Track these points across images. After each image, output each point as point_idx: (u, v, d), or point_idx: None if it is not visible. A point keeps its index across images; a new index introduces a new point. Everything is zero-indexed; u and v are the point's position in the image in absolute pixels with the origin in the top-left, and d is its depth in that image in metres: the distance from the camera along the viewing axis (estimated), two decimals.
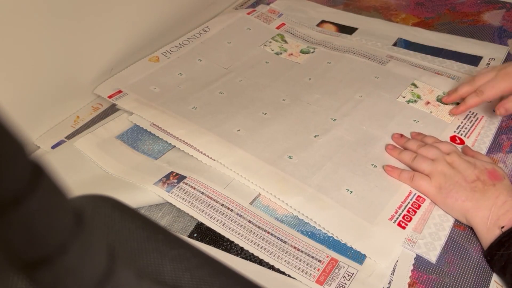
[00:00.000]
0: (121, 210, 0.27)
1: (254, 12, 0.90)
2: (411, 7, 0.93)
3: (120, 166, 0.61)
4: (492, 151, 0.63)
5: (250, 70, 0.78)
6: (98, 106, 0.72)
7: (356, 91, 0.72)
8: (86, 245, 0.19)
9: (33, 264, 0.17)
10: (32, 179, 0.16)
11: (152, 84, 0.73)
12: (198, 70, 0.77)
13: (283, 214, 0.55)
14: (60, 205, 0.18)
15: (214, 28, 0.86)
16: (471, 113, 0.68)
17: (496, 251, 0.48)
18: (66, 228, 0.18)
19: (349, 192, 0.56)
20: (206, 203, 0.55)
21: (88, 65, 0.70)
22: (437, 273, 0.50)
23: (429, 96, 0.71)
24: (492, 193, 0.51)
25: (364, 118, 0.67)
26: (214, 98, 0.71)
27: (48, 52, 0.63)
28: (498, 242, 0.48)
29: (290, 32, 0.87)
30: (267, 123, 0.66)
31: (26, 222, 0.16)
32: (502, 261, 0.48)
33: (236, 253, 0.52)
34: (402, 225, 0.53)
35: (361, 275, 0.49)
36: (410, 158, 0.58)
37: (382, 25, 0.88)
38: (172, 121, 0.65)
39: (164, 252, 0.26)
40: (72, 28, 0.64)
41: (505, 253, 0.47)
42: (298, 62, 0.80)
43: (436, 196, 0.55)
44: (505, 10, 0.90)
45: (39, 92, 0.64)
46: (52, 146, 0.65)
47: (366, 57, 0.79)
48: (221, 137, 0.63)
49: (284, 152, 0.61)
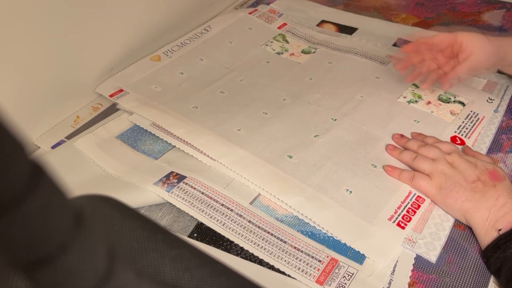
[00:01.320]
0: (121, 210, 0.27)
1: (256, 12, 0.90)
2: (411, 7, 0.93)
3: (120, 166, 0.61)
4: (492, 151, 0.63)
5: (251, 70, 0.78)
6: (98, 106, 0.72)
7: (357, 91, 0.72)
8: (86, 245, 0.19)
9: (33, 264, 0.17)
10: (32, 179, 0.16)
11: (154, 83, 0.73)
12: (199, 70, 0.77)
13: (283, 214, 0.55)
14: (60, 205, 0.18)
15: (216, 28, 0.86)
16: (472, 113, 0.68)
17: (492, 253, 0.48)
18: (66, 228, 0.18)
19: (349, 192, 0.56)
20: (206, 203, 0.55)
21: (88, 65, 0.70)
22: (437, 273, 0.50)
23: (430, 96, 0.71)
24: (492, 194, 0.51)
25: (365, 118, 0.67)
26: (215, 98, 0.71)
27: (48, 52, 0.63)
28: (494, 245, 0.49)
29: (292, 32, 0.87)
30: (268, 122, 0.66)
31: (26, 222, 0.16)
32: (497, 264, 0.48)
33: (236, 253, 0.52)
34: (402, 225, 0.53)
35: (361, 275, 0.49)
36: (411, 158, 0.58)
37: (382, 25, 0.88)
38: (173, 120, 0.65)
39: (164, 252, 0.26)
40: (72, 28, 0.64)
41: (500, 256, 0.47)
42: (299, 62, 0.80)
43: (436, 196, 0.55)
44: (505, 10, 0.90)
45: (39, 92, 0.64)
46: (52, 146, 0.65)
47: (367, 57, 0.79)
48: (221, 136, 0.63)
49: (284, 151, 0.61)
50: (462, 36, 0.62)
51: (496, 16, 0.88)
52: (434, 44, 0.64)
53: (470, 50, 0.61)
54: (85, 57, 0.69)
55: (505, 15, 0.88)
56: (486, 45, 0.61)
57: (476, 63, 0.61)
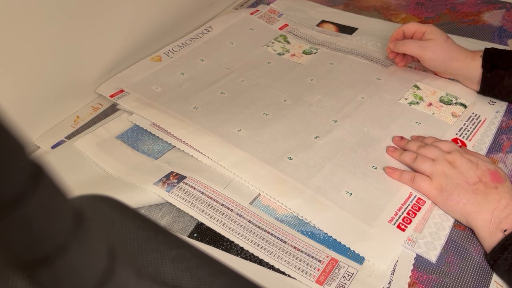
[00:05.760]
0: (121, 210, 0.27)
1: (257, 12, 0.90)
2: (411, 7, 0.93)
3: (120, 166, 0.61)
4: (492, 151, 0.63)
5: (252, 71, 0.78)
6: (98, 106, 0.72)
7: (358, 93, 0.72)
8: (86, 245, 0.19)
9: (33, 264, 0.17)
10: (32, 179, 0.16)
11: (154, 83, 0.73)
12: (200, 70, 0.77)
13: (283, 214, 0.55)
14: (60, 205, 0.18)
15: (217, 28, 0.86)
16: (474, 115, 0.68)
17: (499, 255, 0.48)
18: (66, 228, 0.18)
19: (349, 194, 0.56)
20: (206, 203, 0.55)
21: (88, 65, 0.70)
22: (437, 273, 0.50)
23: (432, 97, 0.70)
24: (494, 196, 0.51)
25: (366, 120, 0.67)
26: (216, 98, 0.71)
27: (48, 52, 0.63)
28: (501, 246, 0.48)
29: (293, 33, 0.87)
30: (268, 123, 0.66)
31: (26, 222, 0.16)
32: (506, 265, 0.47)
33: (236, 253, 0.52)
34: (402, 227, 0.53)
35: (361, 275, 0.49)
36: (411, 159, 0.58)
37: (382, 25, 0.88)
38: (173, 121, 0.65)
39: (164, 252, 0.26)
40: (72, 28, 0.64)
41: (509, 256, 0.47)
42: (300, 63, 0.80)
43: (437, 198, 0.55)
44: (505, 10, 0.90)
45: (39, 92, 0.64)
46: (52, 146, 0.65)
47: (369, 58, 0.79)
48: (221, 137, 0.63)
49: (284, 153, 0.61)
50: (426, 26, 0.70)
51: (496, 16, 0.88)
52: (404, 32, 0.73)
53: (430, 37, 0.69)
54: (85, 57, 0.69)
55: (505, 15, 0.88)
56: (445, 38, 0.69)
57: (430, 48, 0.69)
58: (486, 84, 0.67)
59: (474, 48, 0.69)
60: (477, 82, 0.69)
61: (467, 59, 0.68)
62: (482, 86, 0.68)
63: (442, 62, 0.69)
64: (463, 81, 0.71)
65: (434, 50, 0.68)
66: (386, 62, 0.78)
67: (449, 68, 0.70)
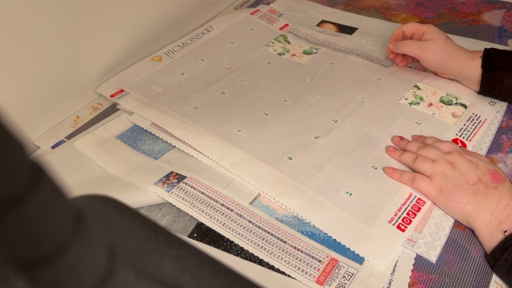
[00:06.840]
0: (121, 210, 0.27)
1: (257, 12, 0.90)
2: (411, 7, 0.93)
3: (120, 166, 0.61)
4: (492, 151, 0.63)
5: (252, 71, 0.78)
6: (98, 106, 0.72)
7: (358, 93, 0.72)
8: (86, 245, 0.19)
9: (33, 264, 0.17)
10: (32, 179, 0.16)
11: (154, 83, 0.73)
12: (200, 70, 0.77)
13: (283, 214, 0.55)
14: (60, 205, 0.18)
15: (217, 28, 0.86)
16: (474, 116, 0.68)
17: (499, 256, 0.48)
18: (66, 228, 0.18)
19: (349, 194, 0.56)
20: (206, 203, 0.55)
21: (88, 65, 0.70)
22: (437, 273, 0.50)
23: (432, 97, 0.70)
24: (494, 196, 0.51)
25: (366, 120, 0.67)
26: (216, 98, 0.71)
27: (48, 52, 0.63)
28: (501, 247, 0.48)
29: (293, 33, 0.87)
30: (268, 123, 0.66)
31: (26, 222, 0.16)
32: (506, 265, 0.47)
33: (236, 253, 0.52)
34: (402, 227, 0.53)
35: (361, 275, 0.49)
36: (411, 160, 0.58)
37: (382, 25, 0.88)
38: (173, 121, 0.65)
39: (164, 252, 0.26)
40: (73, 28, 0.64)
41: (509, 257, 0.47)
42: (301, 63, 0.80)
43: (437, 198, 0.55)
44: (505, 10, 0.90)
45: (39, 92, 0.64)
46: (52, 146, 0.65)
47: (369, 59, 0.79)
48: (221, 137, 0.63)
49: (284, 153, 0.61)
50: (426, 27, 0.70)
51: (496, 16, 0.88)
52: (403, 32, 0.73)
53: (429, 38, 0.69)
54: (85, 57, 0.69)
55: (505, 15, 0.88)
56: (445, 38, 0.69)
57: (429, 49, 0.69)
58: (485, 85, 0.68)
59: (474, 48, 0.69)
60: (477, 83, 0.69)
61: (466, 59, 0.68)
62: (481, 87, 0.68)
63: (441, 62, 0.69)
64: (463, 81, 0.71)
65: (434, 50, 0.68)
66: (386, 62, 0.78)
67: (448, 69, 0.70)
